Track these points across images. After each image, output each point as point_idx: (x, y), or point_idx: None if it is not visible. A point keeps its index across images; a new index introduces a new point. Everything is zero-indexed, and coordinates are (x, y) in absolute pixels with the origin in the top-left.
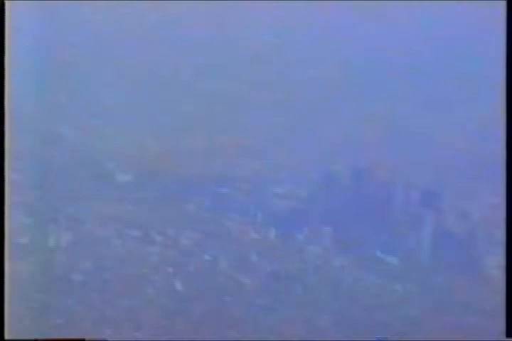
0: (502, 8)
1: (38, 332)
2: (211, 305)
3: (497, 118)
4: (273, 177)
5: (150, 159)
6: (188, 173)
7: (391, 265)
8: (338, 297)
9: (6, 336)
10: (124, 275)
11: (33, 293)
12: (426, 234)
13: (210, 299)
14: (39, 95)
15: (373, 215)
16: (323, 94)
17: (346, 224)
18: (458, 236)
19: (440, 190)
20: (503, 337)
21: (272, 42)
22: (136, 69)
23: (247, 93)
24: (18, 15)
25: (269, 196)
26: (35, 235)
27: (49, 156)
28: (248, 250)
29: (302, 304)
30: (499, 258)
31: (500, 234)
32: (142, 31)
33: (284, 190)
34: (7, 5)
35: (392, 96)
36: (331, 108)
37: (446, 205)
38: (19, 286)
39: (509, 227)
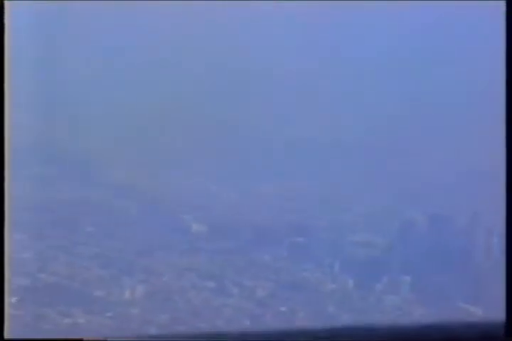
0: (502, 8)
1: None
2: None
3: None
4: (350, 225)
5: (224, 208)
6: (263, 222)
7: (474, 316)
8: None
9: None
10: (200, 328)
11: None
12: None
13: None
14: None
15: (454, 263)
16: (394, 133)
17: (426, 272)
18: None
19: None
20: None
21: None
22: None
23: (318, 137)
24: (18, 15)
25: (347, 245)
26: (111, 287)
27: (123, 207)
28: (325, 301)
29: None
30: None
31: None
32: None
33: (362, 239)
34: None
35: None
36: (406, 150)
37: None
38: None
39: (509, 227)
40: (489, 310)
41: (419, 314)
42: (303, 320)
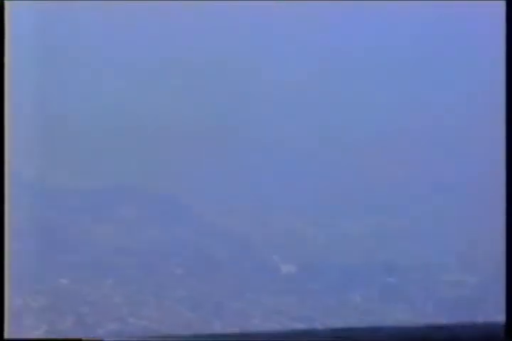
0: (502, 8)
1: None
2: None
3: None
4: (441, 264)
5: (313, 248)
6: (353, 262)
7: None
8: None
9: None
10: None
11: None
12: None
13: None
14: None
15: None
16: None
17: None
18: None
19: None
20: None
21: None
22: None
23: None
24: (18, 15)
25: (439, 284)
26: (201, 331)
27: (208, 247)
28: None
29: None
30: None
31: None
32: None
33: (454, 278)
34: (7, 5)
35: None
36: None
37: None
38: None
39: (509, 227)
40: None
41: None
42: None
